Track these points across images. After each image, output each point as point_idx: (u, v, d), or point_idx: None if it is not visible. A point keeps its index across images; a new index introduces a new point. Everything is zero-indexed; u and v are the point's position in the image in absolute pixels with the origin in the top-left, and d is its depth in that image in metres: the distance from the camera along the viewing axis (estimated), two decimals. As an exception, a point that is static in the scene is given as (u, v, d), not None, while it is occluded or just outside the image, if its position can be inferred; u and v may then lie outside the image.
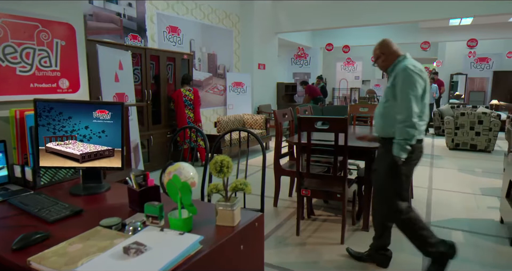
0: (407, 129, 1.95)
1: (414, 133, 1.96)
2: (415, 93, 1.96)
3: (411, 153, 2.03)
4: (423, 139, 2.12)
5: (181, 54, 5.53)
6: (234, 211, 1.20)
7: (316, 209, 3.37)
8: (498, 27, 10.27)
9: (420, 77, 2.00)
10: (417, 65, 2.04)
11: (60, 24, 1.99)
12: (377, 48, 2.23)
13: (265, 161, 2.09)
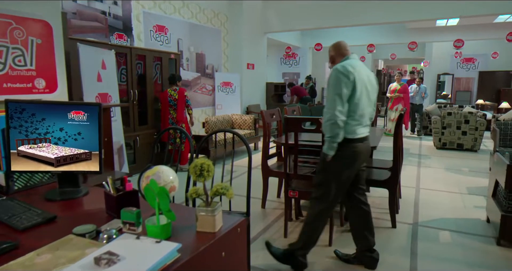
0: (332, 127, 1.99)
1: (338, 131, 2.00)
2: (339, 92, 1.99)
3: (341, 151, 2.05)
4: (361, 139, 2.11)
5: (168, 54, 5.45)
6: (215, 216, 1.15)
7: (304, 210, 3.34)
8: (484, 28, 10.43)
9: (346, 77, 2.00)
10: (347, 66, 2.03)
11: (35, 21, 1.90)
12: (330, 50, 2.27)
13: (250, 163, 2.05)
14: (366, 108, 2.12)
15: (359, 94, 2.04)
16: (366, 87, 2.09)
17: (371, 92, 2.15)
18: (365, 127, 2.15)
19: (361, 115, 2.08)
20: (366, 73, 2.13)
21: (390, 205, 2.91)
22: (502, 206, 2.59)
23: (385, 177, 2.92)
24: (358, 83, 2.02)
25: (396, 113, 7.54)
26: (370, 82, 2.15)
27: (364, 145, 2.15)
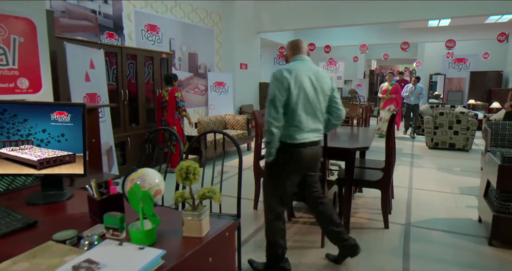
0: (265, 133, 1.98)
1: (271, 138, 1.96)
2: (272, 98, 1.96)
3: (281, 157, 2.02)
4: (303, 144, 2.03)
5: (160, 54, 5.39)
6: (202, 220, 1.12)
7: (297, 211, 3.31)
8: (475, 28, 10.52)
9: (280, 83, 1.95)
10: (283, 71, 1.99)
11: (18, 19, 1.84)
12: (286, 48, 2.22)
13: (241, 164, 2.01)
14: (309, 113, 2.03)
15: (295, 99, 1.98)
16: (307, 91, 2.00)
17: (318, 96, 2.06)
18: (309, 132, 2.05)
19: (300, 121, 2.01)
20: (310, 76, 2.03)
21: (383, 205, 2.90)
22: (494, 206, 2.59)
23: (377, 178, 2.90)
24: (294, 89, 1.96)
25: (388, 113, 7.46)
26: (316, 85, 2.05)
27: (308, 150, 2.06)
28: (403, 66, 18.40)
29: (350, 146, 2.77)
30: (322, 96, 2.08)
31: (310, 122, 2.04)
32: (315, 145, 2.10)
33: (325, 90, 2.09)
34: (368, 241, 2.71)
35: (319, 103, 2.06)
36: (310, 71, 2.06)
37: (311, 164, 2.13)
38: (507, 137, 4.81)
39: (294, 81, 1.96)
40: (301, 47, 2.14)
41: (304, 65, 2.06)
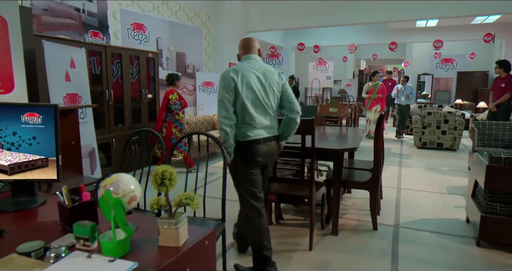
0: (220, 133, 2.07)
1: (225, 138, 2.04)
2: (221, 98, 2.05)
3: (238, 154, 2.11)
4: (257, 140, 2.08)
5: (146, 53, 5.28)
6: (179, 229, 1.05)
7: (285, 213, 3.26)
8: (461, 29, 10.65)
9: (227, 83, 2.03)
10: (229, 71, 2.06)
11: (-12, 15, 1.75)
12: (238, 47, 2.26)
13: (225, 166, 1.95)
14: (260, 110, 2.09)
15: (244, 98, 2.03)
16: (255, 89, 2.06)
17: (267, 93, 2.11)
18: (261, 129, 2.10)
19: (251, 119, 2.06)
20: (258, 75, 2.08)
21: (371, 207, 2.87)
22: (482, 206, 2.58)
23: (366, 179, 2.87)
24: (241, 88, 2.02)
25: (374, 114, 7.33)
26: (264, 83, 2.10)
27: (263, 146, 2.10)
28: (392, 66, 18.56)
29: (338, 146, 2.73)
30: (272, 93, 2.13)
31: (262, 119, 2.09)
32: (269, 141, 2.14)
33: (274, 87, 2.14)
34: (357, 243, 2.68)
35: (269, 100, 2.12)
36: (258, 69, 2.10)
37: (268, 158, 2.18)
38: (493, 137, 4.85)
39: (240, 81, 2.03)
40: (251, 47, 2.19)
41: (252, 64, 2.11)
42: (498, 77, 5.71)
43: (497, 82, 5.69)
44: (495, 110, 5.63)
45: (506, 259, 2.43)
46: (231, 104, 2.02)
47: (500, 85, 5.59)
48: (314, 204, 2.51)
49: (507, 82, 5.53)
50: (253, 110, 2.05)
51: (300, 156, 2.49)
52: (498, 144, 4.83)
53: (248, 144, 2.07)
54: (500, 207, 2.48)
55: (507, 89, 5.48)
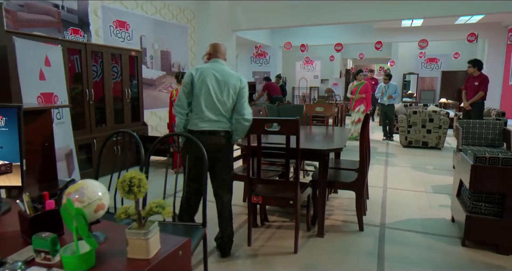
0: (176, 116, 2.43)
1: (178, 121, 2.41)
2: (181, 89, 2.40)
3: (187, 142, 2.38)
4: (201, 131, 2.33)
5: (129, 51, 5.15)
6: (149, 239, 0.98)
7: (270, 214, 3.20)
8: (446, 29, 10.78)
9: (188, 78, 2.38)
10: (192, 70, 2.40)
11: None
12: (209, 47, 2.53)
13: (206, 168, 1.87)
14: (210, 105, 2.33)
15: (198, 92, 2.34)
16: (210, 87, 2.33)
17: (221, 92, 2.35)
18: (209, 122, 2.34)
19: (201, 111, 2.33)
20: (216, 75, 2.36)
21: (357, 208, 2.83)
22: (467, 206, 2.57)
23: (352, 179, 2.83)
24: (197, 83, 2.34)
25: (358, 114, 7.14)
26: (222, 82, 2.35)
27: (207, 137, 2.31)
28: (378, 66, 18.73)
29: (323, 147, 2.69)
30: (227, 93, 2.36)
31: (210, 114, 2.34)
32: (214, 134, 2.36)
33: (230, 88, 2.37)
34: (343, 244, 2.64)
35: (222, 99, 2.36)
36: (218, 71, 2.38)
37: (214, 150, 2.32)
38: (477, 135, 4.89)
39: (197, 77, 2.34)
40: (218, 51, 2.47)
41: (215, 66, 2.40)
42: (470, 76, 5.77)
43: (470, 81, 5.74)
44: (470, 109, 5.70)
45: (490, 259, 2.42)
46: (186, 96, 2.37)
47: (474, 84, 5.66)
48: (299, 206, 2.45)
49: (480, 81, 5.59)
50: (203, 105, 2.32)
51: (284, 156, 2.43)
52: (482, 142, 4.88)
53: (196, 133, 2.30)
54: (485, 207, 2.47)
55: (481, 88, 5.55)
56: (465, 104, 5.72)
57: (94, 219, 1.05)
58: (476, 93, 5.59)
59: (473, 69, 5.66)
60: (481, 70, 5.69)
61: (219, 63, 2.43)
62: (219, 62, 2.44)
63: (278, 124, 2.44)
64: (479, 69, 5.67)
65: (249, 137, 2.48)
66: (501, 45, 10.16)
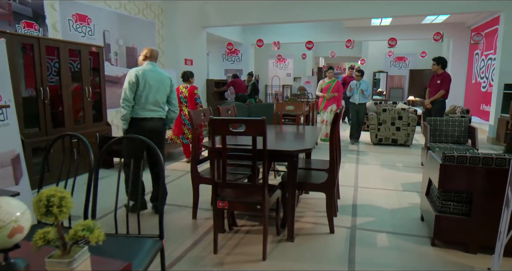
0: (121, 109, 3.00)
1: (123, 113, 2.98)
2: (125, 87, 2.97)
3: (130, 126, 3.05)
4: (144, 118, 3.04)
5: (89, 46, 4.83)
6: (76, 269, 0.81)
7: (239, 218, 3.07)
8: (413, 28, 11.05)
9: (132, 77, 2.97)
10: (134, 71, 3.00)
11: None
12: (145, 50, 3.16)
13: (163, 175, 1.71)
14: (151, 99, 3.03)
15: (141, 89, 2.98)
16: (151, 85, 3.01)
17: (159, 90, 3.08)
18: (149, 111, 3.05)
19: (144, 103, 3.02)
20: (154, 75, 3.05)
21: (328, 210, 2.75)
22: (436, 205, 2.55)
23: (322, 180, 2.74)
24: (141, 82, 2.96)
25: (330, 115, 6.60)
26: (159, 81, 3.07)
27: (147, 123, 3.06)
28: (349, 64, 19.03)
29: (292, 147, 2.58)
30: (163, 90, 3.12)
31: (151, 106, 3.06)
32: (155, 120, 3.10)
33: (165, 86, 3.14)
34: (313, 248, 2.55)
35: (159, 94, 3.09)
36: (156, 72, 3.10)
37: (152, 133, 2.98)
38: (444, 133, 4.98)
39: (141, 77, 2.97)
40: (153, 56, 3.16)
41: (152, 68, 3.09)
42: (434, 74, 5.76)
43: (434, 79, 5.74)
44: (431, 107, 5.65)
45: (460, 258, 2.41)
46: (132, 92, 2.96)
47: (436, 82, 5.65)
48: (267, 210, 2.33)
49: (442, 79, 5.59)
50: (145, 99, 3.01)
51: (251, 158, 2.30)
52: (449, 139, 4.97)
53: (139, 120, 3.04)
54: (454, 206, 2.46)
55: (442, 86, 5.56)
56: (426, 102, 5.75)
57: (9, 244, 0.87)
58: (438, 91, 5.58)
59: (437, 67, 5.68)
60: (445, 68, 5.74)
61: (154, 66, 3.13)
62: (154, 65, 3.14)
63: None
64: (443, 67, 5.71)
65: (213, 138, 2.33)
66: (465, 44, 10.53)
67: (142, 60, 3.13)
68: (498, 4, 6.70)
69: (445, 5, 6.98)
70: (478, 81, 9.39)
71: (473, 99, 9.74)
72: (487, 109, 8.08)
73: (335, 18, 8.44)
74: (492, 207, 2.30)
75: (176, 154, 5.86)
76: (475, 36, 8.89)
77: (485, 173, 2.32)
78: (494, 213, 2.24)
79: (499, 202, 2.16)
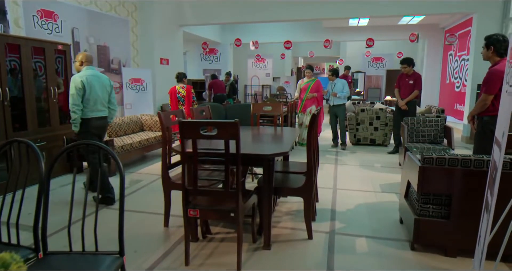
0: (71, 114, 3.34)
1: (75, 116, 3.32)
2: (72, 93, 3.30)
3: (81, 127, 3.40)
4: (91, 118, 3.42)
5: (55, 44, 4.54)
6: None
7: (214, 225, 2.92)
8: (389, 29, 11.20)
9: (77, 83, 3.31)
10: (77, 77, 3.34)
11: None
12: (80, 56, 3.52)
13: (123, 185, 1.54)
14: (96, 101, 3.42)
15: (88, 93, 3.35)
16: (96, 88, 3.40)
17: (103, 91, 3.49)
18: (96, 111, 3.45)
19: (93, 105, 3.41)
20: (96, 79, 3.43)
21: (306, 215, 2.64)
22: (415, 209, 2.49)
23: (299, 184, 2.64)
24: (86, 87, 3.33)
25: (309, 117, 5.88)
26: (101, 84, 3.47)
27: (96, 121, 3.47)
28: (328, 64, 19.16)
29: (267, 151, 2.46)
30: (105, 91, 3.52)
31: (99, 106, 3.47)
32: (102, 119, 3.54)
33: (106, 87, 3.54)
34: (290, 256, 2.43)
35: (102, 95, 3.49)
36: (97, 75, 3.46)
37: (99, 129, 3.56)
38: (421, 133, 5.00)
39: (87, 83, 3.34)
40: (89, 60, 3.51)
41: (93, 72, 3.44)
42: (403, 75, 5.68)
43: (403, 79, 5.65)
44: (406, 109, 5.56)
45: (439, 262, 2.36)
46: (80, 96, 3.31)
47: (408, 82, 5.56)
48: (241, 218, 2.20)
49: (414, 79, 5.54)
50: (92, 101, 3.39)
51: (224, 163, 2.16)
52: (426, 139, 5.00)
53: (89, 120, 3.42)
54: (433, 209, 2.40)
55: (416, 86, 5.51)
56: (401, 103, 5.61)
57: None
58: (411, 91, 5.51)
59: (408, 68, 5.62)
60: (413, 67, 5.73)
61: (94, 70, 3.47)
62: (93, 68, 3.49)
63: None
64: (413, 67, 5.71)
65: (183, 142, 2.17)
66: (439, 45, 10.75)
67: (79, 66, 3.45)
68: (471, 6, 6.84)
69: (420, 6, 7.06)
70: (452, 82, 9.59)
71: (448, 99, 9.95)
72: (461, 109, 8.25)
73: (313, 18, 8.40)
74: (471, 209, 2.26)
75: (151, 156, 5.64)
76: (449, 37, 9.07)
77: (463, 174, 2.27)
78: (473, 215, 2.20)
79: (478, 204, 2.11)
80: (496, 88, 3.03)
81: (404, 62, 5.67)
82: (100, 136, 3.60)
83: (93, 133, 3.43)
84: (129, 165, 5.11)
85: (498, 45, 3.08)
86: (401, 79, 5.74)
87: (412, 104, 5.61)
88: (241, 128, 3.57)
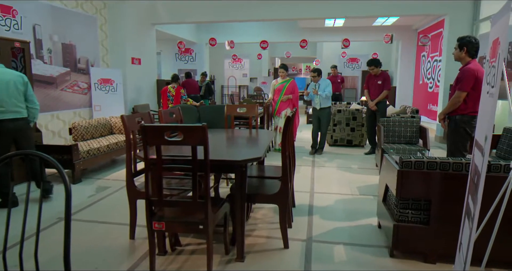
0: None
1: None
2: None
3: None
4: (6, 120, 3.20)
5: (11, 41, 4.20)
6: None
7: (184, 236, 2.73)
8: (365, 30, 11.30)
9: None
10: None
11: None
12: None
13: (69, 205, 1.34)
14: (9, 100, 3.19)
15: None
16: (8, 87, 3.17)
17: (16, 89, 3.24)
18: (10, 113, 3.21)
19: (3, 106, 3.15)
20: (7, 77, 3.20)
21: (281, 223, 2.50)
22: (394, 214, 2.40)
23: (274, 190, 2.49)
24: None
25: (284, 120, 5.83)
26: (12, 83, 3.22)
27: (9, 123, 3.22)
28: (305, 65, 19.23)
29: (239, 156, 2.30)
30: (17, 90, 3.26)
31: (11, 107, 3.21)
32: (16, 120, 3.27)
33: (19, 86, 3.27)
34: (265, 268, 2.28)
35: (16, 94, 3.25)
36: (7, 74, 3.23)
37: (17, 133, 3.31)
38: (397, 133, 4.99)
39: None
40: None
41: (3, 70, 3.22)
42: (371, 76, 5.68)
43: (372, 80, 5.66)
44: (376, 109, 5.56)
45: (418, 269, 2.27)
46: None
47: (377, 83, 5.58)
48: (211, 230, 2.03)
49: (383, 79, 5.55)
50: (4, 101, 3.15)
51: (191, 170, 1.98)
52: (402, 140, 4.99)
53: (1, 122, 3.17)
54: (412, 214, 2.32)
55: (385, 86, 5.52)
56: (371, 104, 5.58)
57: None
58: (380, 92, 5.51)
59: (376, 70, 5.61)
60: (380, 67, 5.73)
61: (4, 68, 3.27)
62: (3, 66, 3.29)
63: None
64: (380, 68, 5.72)
65: (146, 148, 1.98)
66: (412, 46, 10.94)
67: None
68: (443, 8, 6.95)
69: (393, 7, 7.11)
70: (425, 82, 9.76)
71: (421, 99, 10.12)
72: (434, 109, 8.39)
73: (288, 18, 8.33)
74: (450, 214, 2.19)
75: (121, 161, 5.36)
76: (422, 38, 9.21)
77: (442, 178, 2.20)
78: (453, 220, 2.12)
79: (458, 209, 2.04)
80: (470, 86, 3.14)
81: (371, 63, 5.67)
82: (17, 139, 3.33)
83: (8, 135, 3.23)
84: (96, 171, 4.82)
85: (470, 46, 3.21)
86: (370, 80, 5.74)
87: (382, 104, 5.61)
88: (214, 131, 3.41)
